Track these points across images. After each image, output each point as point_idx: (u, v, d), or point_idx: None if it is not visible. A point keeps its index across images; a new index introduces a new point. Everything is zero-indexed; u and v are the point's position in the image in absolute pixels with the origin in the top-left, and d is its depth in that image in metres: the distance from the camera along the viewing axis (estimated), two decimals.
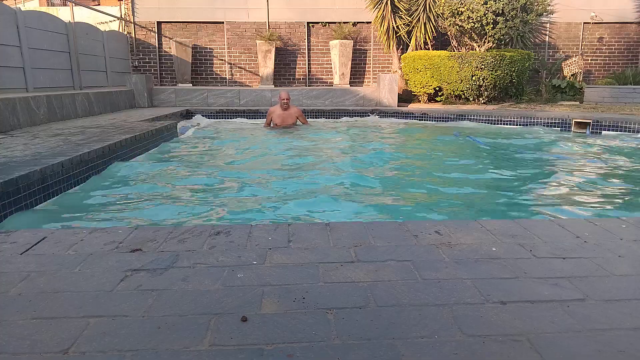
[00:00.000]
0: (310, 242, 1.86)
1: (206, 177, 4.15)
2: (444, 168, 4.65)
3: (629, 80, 10.62)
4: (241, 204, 3.30)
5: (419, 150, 5.93)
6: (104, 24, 11.16)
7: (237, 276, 1.55)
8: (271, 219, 2.96)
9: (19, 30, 6.69)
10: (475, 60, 9.14)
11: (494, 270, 1.59)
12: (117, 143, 4.32)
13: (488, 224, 2.08)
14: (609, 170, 4.49)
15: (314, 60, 11.97)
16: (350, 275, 1.56)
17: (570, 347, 1.15)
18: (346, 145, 6.05)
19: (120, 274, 1.57)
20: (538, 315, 1.30)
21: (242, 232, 1.97)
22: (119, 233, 1.97)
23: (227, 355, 1.12)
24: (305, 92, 9.91)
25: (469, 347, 1.15)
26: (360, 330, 1.22)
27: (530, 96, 10.60)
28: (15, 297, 1.42)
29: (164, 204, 3.25)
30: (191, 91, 9.85)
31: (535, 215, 3.04)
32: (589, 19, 11.66)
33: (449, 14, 9.50)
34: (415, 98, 10.66)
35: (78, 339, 1.19)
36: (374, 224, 2.10)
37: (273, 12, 11.65)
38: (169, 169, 4.40)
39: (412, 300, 1.39)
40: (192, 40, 11.67)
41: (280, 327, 1.24)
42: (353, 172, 4.28)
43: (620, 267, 1.63)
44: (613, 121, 6.80)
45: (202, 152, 5.61)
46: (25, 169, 2.97)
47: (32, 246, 1.83)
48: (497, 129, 7.53)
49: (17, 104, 5.49)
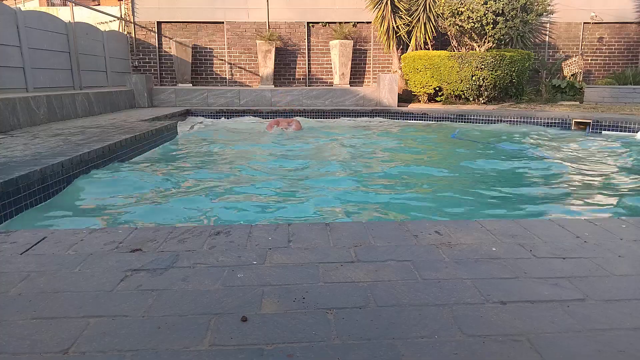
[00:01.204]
0: (310, 242, 1.86)
1: (206, 176, 4.15)
2: (443, 168, 4.65)
3: (629, 80, 10.62)
4: (241, 204, 3.30)
5: (419, 150, 5.93)
6: (104, 24, 11.16)
7: (237, 276, 1.55)
8: (271, 219, 2.96)
9: (19, 30, 6.69)
10: (475, 60, 9.14)
11: (494, 270, 1.59)
12: (117, 143, 4.32)
13: (488, 224, 2.08)
14: (609, 170, 4.49)
15: (314, 60, 11.97)
16: (350, 275, 1.56)
17: (570, 347, 1.15)
18: (346, 145, 6.04)
19: (120, 274, 1.57)
20: (538, 315, 1.30)
21: (242, 232, 1.97)
22: (119, 233, 1.97)
23: (227, 355, 1.12)
24: (305, 92, 9.90)
25: (469, 347, 1.15)
26: (360, 330, 1.22)
27: (530, 96, 10.60)
28: (15, 297, 1.42)
29: (164, 204, 3.25)
30: (191, 91, 9.85)
31: (535, 215, 3.04)
32: (589, 19, 11.66)
33: (449, 14, 9.50)
34: (415, 98, 10.66)
35: (78, 339, 1.19)
36: (374, 224, 2.10)
37: (273, 12, 11.65)
38: (169, 169, 4.40)
39: (412, 300, 1.39)
40: (192, 40, 11.67)
41: (280, 327, 1.24)
42: (353, 172, 4.28)
43: (620, 267, 1.63)
44: (613, 121, 6.79)
45: (202, 152, 5.60)
46: (25, 169, 2.97)
47: (32, 246, 1.83)
48: (497, 129, 7.53)
49: (17, 104, 5.49)
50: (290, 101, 9.84)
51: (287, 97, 9.84)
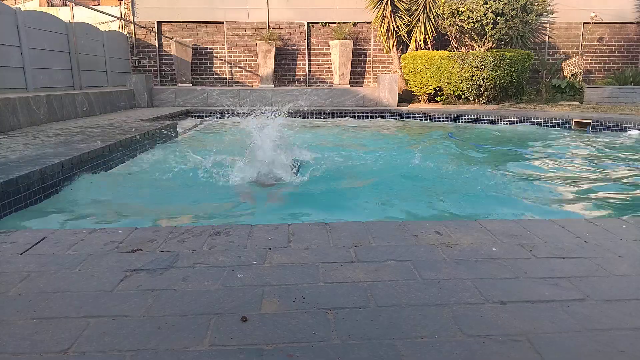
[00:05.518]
0: (310, 242, 1.86)
1: (206, 176, 4.15)
2: (442, 168, 4.65)
3: (628, 80, 10.62)
4: (241, 204, 3.30)
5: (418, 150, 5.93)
6: (104, 24, 11.16)
7: (237, 276, 1.55)
8: (271, 219, 2.96)
9: (19, 30, 6.69)
10: (475, 60, 9.14)
11: (494, 270, 1.59)
12: (117, 143, 4.32)
13: (488, 224, 2.07)
14: (609, 170, 4.49)
15: (314, 60, 11.97)
16: (350, 275, 1.56)
17: (570, 347, 1.15)
18: (346, 145, 6.04)
19: (120, 274, 1.57)
20: (538, 315, 1.30)
21: (242, 232, 1.97)
22: (119, 233, 1.97)
23: (227, 355, 1.12)
24: (305, 92, 9.91)
25: (469, 347, 1.15)
26: (360, 330, 1.22)
27: (530, 96, 10.60)
28: (15, 297, 1.42)
29: (164, 204, 3.25)
30: (191, 91, 9.85)
31: (535, 215, 3.04)
32: (588, 19, 11.66)
33: (449, 14, 9.50)
34: (415, 98, 10.66)
35: (78, 339, 1.19)
36: (374, 224, 2.09)
37: (273, 12, 11.65)
38: (169, 168, 4.40)
39: (412, 300, 1.39)
40: (192, 40, 11.67)
41: (280, 327, 1.24)
42: (353, 172, 4.28)
43: (620, 267, 1.62)
44: (613, 121, 6.79)
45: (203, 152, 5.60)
46: (25, 169, 2.97)
47: (32, 246, 1.83)
48: (497, 129, 7.53)
49: (17, 104, 5.49)
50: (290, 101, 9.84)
51: (287, 97, 9.84)
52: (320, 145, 5.99)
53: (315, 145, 5.99)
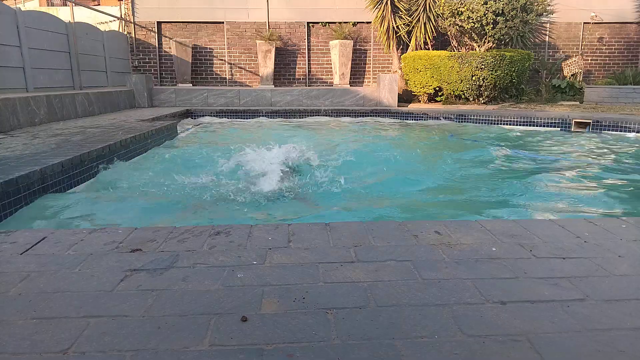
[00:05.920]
0: (310, 242, 1.86)
1: (206, 176, 4.15)
2: (442, 168, 4.65)
3: (628, 80, 10.62)
4: (241, 204, 3.30)
5: (418, 150, 5.93)
6: (104, 24, 11.16)
7: (237, 276, 1.55)
8: (271, 219, 2.96)
9: (19, 30, 6.69)
10: (475, 60, 9.14)
11: (494, 270, 1.59)
12: (117, 143, 4.32)
13: (488, 224, 2.07)
14: (609, 170, 4.49)
15: (314, 60, 11.97)
16: (350, 275, 1.56)
17: (570, 347, 1.15)
18: (345, 145, 6.04)
19: (120, 274, 1.57)
20: (538, 315, 1.30)
21: (242, 232, 1.97)
22: (119, 233, 1.97)
23: (227, 355, 1.12)
24: (305, 92, 9.91)
25: (469, 347, 1.15)
26: (360, 330, 1.22)
27: (530, 96, 10.60)
28: (15, 297, 1.42)
29: (164, 204, 3.25)
30: (191, 91, 9.85)
31: (535, 215, 3.04)
32: (588, 19, 11.66)
33: (449, 14, 9.50)
34: (415, 98, 10.66)
35: (78, 339, 1.19)
36: (374, 224, 2.09)
37: (273, 12, 11.66)
38: (169, 168, 4.40)
39: (412, 300, 1.39)
40: (192, 40, 11.67)
41: (280, 327, 1.24)
42: (352, 172, 4.28)
43: (620, 267, 1.62)
44: (613, 121, 6.79)
45: (203, 152, 5.60)
46: (26, 169, 2.97)
47: (32, 246, 1.83)
48: (497, 129, 7.53)
49: (17, 104, 5.49)
50: (290, 101, 9.84)
51: (286, 97, 9.84)
52: (320, 146, 5.99)
53: (315, 146, 5.99)
